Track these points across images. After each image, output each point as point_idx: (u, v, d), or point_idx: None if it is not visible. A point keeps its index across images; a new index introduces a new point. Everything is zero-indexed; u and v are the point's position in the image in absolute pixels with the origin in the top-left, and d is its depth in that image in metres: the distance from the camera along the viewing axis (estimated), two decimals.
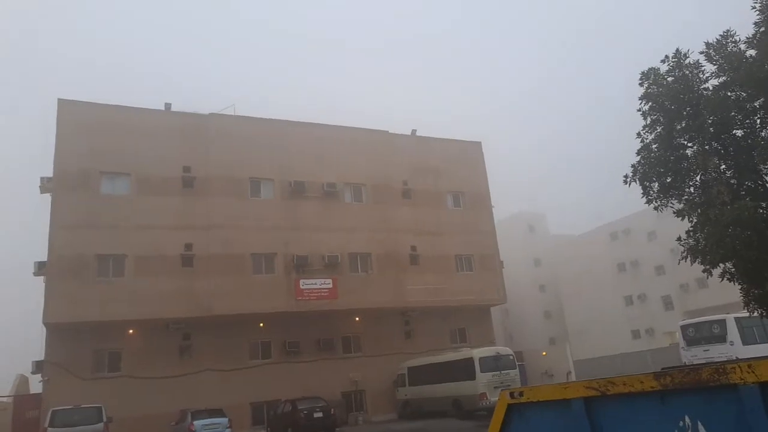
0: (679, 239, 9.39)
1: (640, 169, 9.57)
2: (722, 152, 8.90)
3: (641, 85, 9.82)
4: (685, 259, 9.18)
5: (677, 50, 9.56)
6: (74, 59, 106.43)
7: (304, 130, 29.34)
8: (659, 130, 9.53)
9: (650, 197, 9.58)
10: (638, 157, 9.69)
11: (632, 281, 49.98)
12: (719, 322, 21.07)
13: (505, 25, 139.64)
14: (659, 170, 9.39)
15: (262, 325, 26.56)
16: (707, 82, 9.24)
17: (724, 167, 8.88)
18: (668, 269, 46.23)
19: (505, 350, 24.81)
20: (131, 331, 24.37)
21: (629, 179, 9.68)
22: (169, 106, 27.19)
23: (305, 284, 26.72)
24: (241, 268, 25.85)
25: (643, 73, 9.76)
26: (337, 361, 27.65)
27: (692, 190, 9.19)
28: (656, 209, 9.87)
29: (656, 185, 9.49)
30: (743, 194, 8.42)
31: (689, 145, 9.25)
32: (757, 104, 8.57)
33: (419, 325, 29.70)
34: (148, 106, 27.13)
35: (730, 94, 8.77)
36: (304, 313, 26.59)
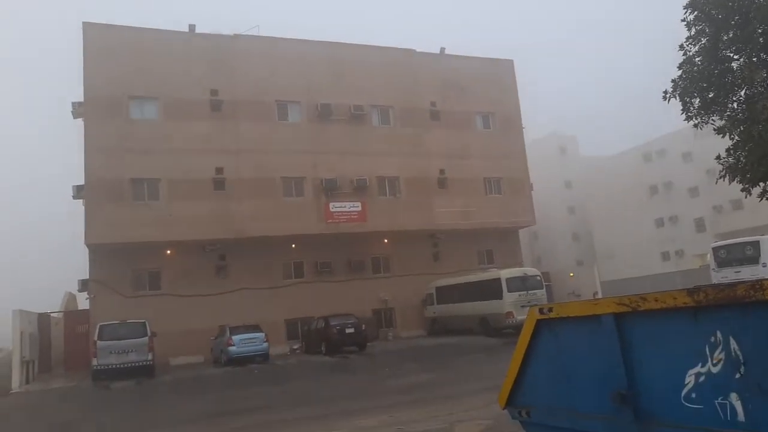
0: (718, 157, 9.06)
1: (681, 83, 9.11)
2: None
3: None
4: (723, 177, 8.90)
5: None
6: None
7: (329, 50, 28.65)
8: (704, 41, 8.97)
9: (690, 114, 9.18)
10: (680, 71, 9.21)
11: (664, 203, 49.20)
12: (753, 243, 20.72)
13: None
14: (702, 85, 8.93)
15: (294, 246, 27.23)
16: None
17: None
18: (702, 191, 45.26)
19: (532, 271, 25.10)
20: (169, 252, 25.29)
21: (669, 95, 9.25)
22: (193, 27, 26.71)
23: (335, 207, 27.05)
24: (271, 191, 26.20)
25: None
26: (367, 280, 28.40)
27: (735, 105, 8.75)
28: (696, 126, 9.47)
29: (697, 101, 9.06)
30: None
31: (735, 57, 8.70)
32: None
33: (447, 246, 30.04)
34: (170, 28, 26.73)
35: None
36: (334, 235, 27.10)
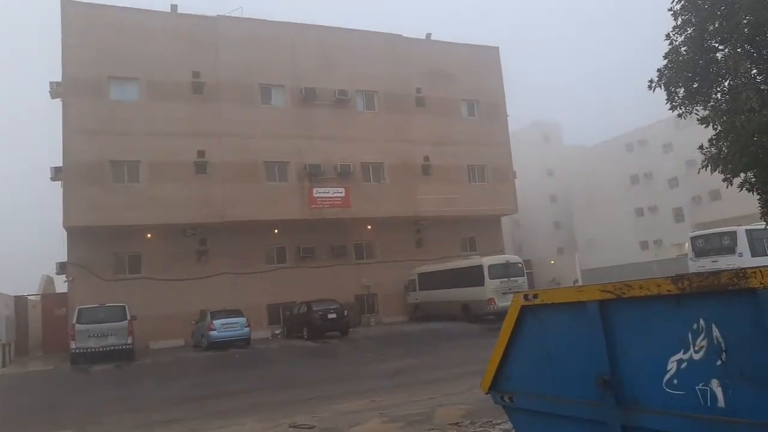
0: (701, 147, 9.16)
1: (666, 73, 9.16)
2: (755, 56, 8.45)
3: None
4: (705, 167, 9.00)
5: None
6: None
7: (314, 33, 28.32)
8: (690, 31, 9.01)
9: (675, 103, 9.24)
10: (665, 60, 9.26)
11: (644, 193, 49.87)
12: (730, 233, 21.12)
13: None
14: (687, 75, 8.98)
15: (276, 231, 27.07)
16: None
17: (755, 72, 8.47)
18: (682, 181, 45.91)
19: (514, 258, 25.32)
20: (149, 235, 24.98)
21: (654, 84, 9.30)
22: (175, 7, 26.15)
23: (318, 192, 26.90)
24: (254, 175, 25.95)
25: None
26: (349, 266, 28.39)
27: (719, 96, 8.82)
28: (680, 116, 9.55)
29: (682, 91, 9.12)
30: None
31: (721, 48, 8.76)
32: None
33: (430, 233, 30.12)
34: (152, 7, 26.12)
35: None
36: (317, 220, 26.99)
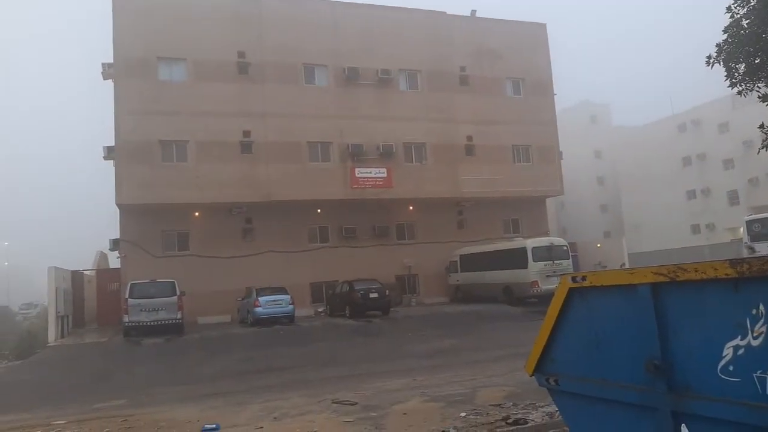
0: (761, 127, 8.70)
1: (726, 48, 8.67)
2: None
3: None
4: (766, 148, 8.56)
5: None
6: None
7: (357, 12, 28.14)
8: (753, 2, 8.51)
9: (735, 80, 8.77)
10: (725, 35, 8.77)
11: (697, 175, 47.97)
12: None
13: None
14: (748, 49, 8.48)
15: (319, 211, 27.36)
16: None
17: None
18: (738, 163, 43.95)
19: (558, 241, 24.87)
20: (197, 213, 25.64)
21: (712, 60, 8.83)
22: None
23: (360, 173, 26.97)
24: (297, 155, 26.21)
25: None
26: (391, 246, 28.49)
27: None
28: (740, 93, 9.06)
29: (742, 66, 8.65)
30: None
31: None
32: None
33: (472, 214, 29.86)
34: None
35: None
36: (359, 200, 27.12)
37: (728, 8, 8.81)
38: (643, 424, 3.92)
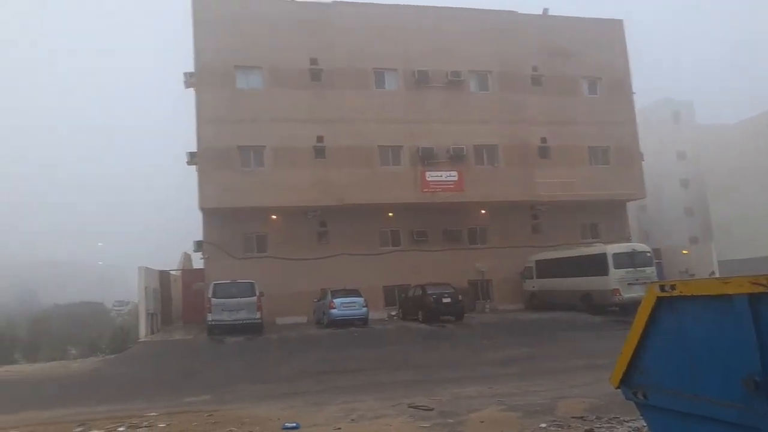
0: None
1: None
2: None
3: None
4: None
5: None
6: None
7: (426, 14, 28.18)
8: None
9: None
10: None
11: None
12: None
13: None
14: None
15: (390, 214, 27.58)
16: None
17: None
18: None
19: (641, 247, 23.75)
20: (274, 217, 26.53)
21: None
22: None
23: (431, 176, 26.97)
24: (368, 159, 26.57)
25: None
26: (463, 251, 28.25)
27: None
28: None
29: None
30: None
31: None
32: None
33: (548, 219, 29.11)
34: None
35: None
36: (430, 204, 27.10)
37: None
38: None
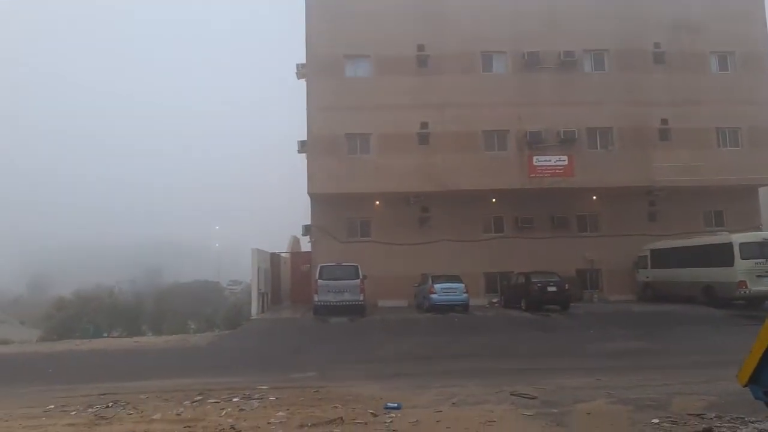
0: None
1: None
2: None
3: None
4: None
5: None
6: None
7: None
8: None
9: None
10: None
11: None
12: None
13: None
14: None
15: (494, 200, 27.06)
16: None
17: None
18: None
19: None
20: (377, 202, 26.98)
21: None
22: None
23: (538, 161, 26.05)
24: (473, 145, 26.16)
25: None
26: (571, 239, 27.13)
27: None
28: None
29: None
30: None
31: None
32: None
33: (666, 206, 27.13)
34: None
35: None
36: (536, 190, 26.23)
37: None
38: None
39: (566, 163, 26.08)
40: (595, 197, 27.25)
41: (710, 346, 13.30)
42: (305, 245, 30.91)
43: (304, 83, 26.89)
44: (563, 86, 26.53)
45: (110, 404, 8.63)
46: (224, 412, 7.95)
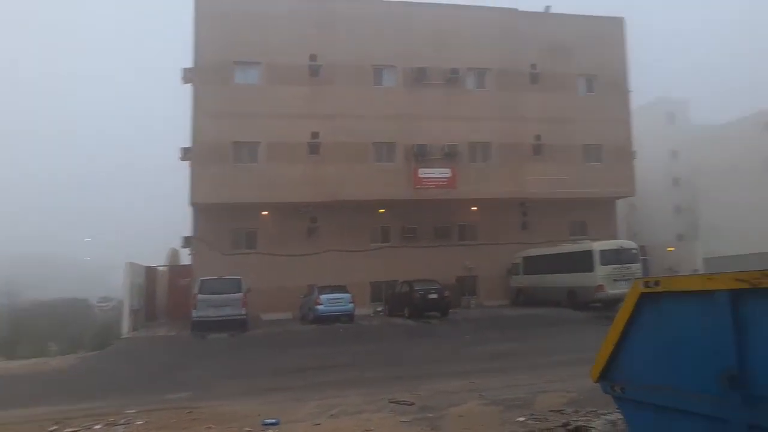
0: None
1: None
2: None
3: None
4: None
5: None
6: None
7: (428, 11, 28.02)
8: None
9: None
10: None
11: None
12: None
13: None
14: None
15: (382, 211, 27.48)
16: None
17: None
18: None
19: (628, 244, 23.90)
20: (265, 213, 26.35)
21: None
22: None
23: (424, 173, 26.89)
24: (363, 156, 26.45)
25: None
26: (452, 247, 28.19)
27: None
28: None
29: None
30: None
31: None
32: None
33: (537, 216, 29.09)
34: None
35: None
36: (422, 200, 27.02)
37: None
38: None
39: (449, 175, 27.14)
40: (474, 208, 28.58)
41: (572, 345, 14.30)
42: (186, 258, 29.41)
43: (189, 88, 25.72)
44: (448, 102, 27.62)
45: None
46: None
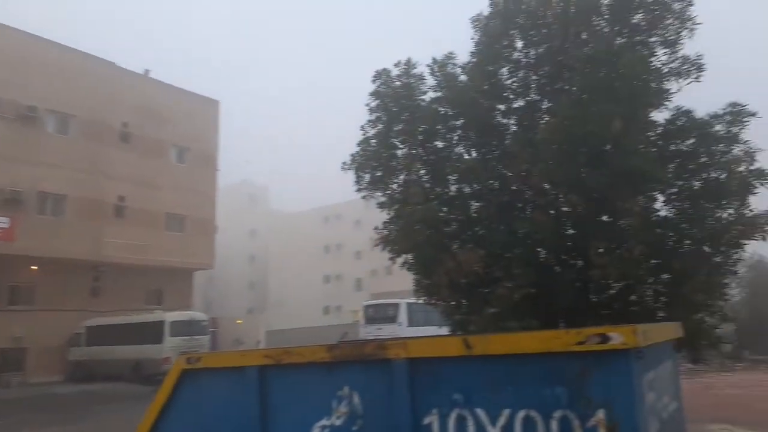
0: (376, 228, 10.38)
1: (357, 159, 10.25)
2: (425, 159, 10.09)
3: (374, 82, 10.55)
4: (377, 245, 10.20)
5: (409, 59, 10.53)
6: None
7: (13, 37, 24.43)
8: (380, 127, 10.35)
9: (361, 186, 10.32)
10: (358, 148, 10.39)
11: (334, 262, 54.39)
12: (394, 305, 24.33)
13: None
14: (373, 164, 10.18)
15: None
16: (426, 94, 10.37)
17: (423, 172, 10.09)
18: (365, 255, 51.44)
19: (198, 315, 24.49)
20: None
21: (347, 167, 10.33)
22: None
23: None
24: None
25: (377, 71, 10.51)
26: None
27: (395, 186, 10.19)
28: (364, 198, 10.71)
29: (368, 176, 10.29)
30: (432, 198, 9.67)
31: (401, 146, 10.25)
32: (457, 123, 9.96)
33: (111, 282, 27.01)
34: None
35: (440, 109, 9.98)
36: None
37: (362, 126, 10.52)
38: None
39: (8, 225, 22.95)
40: (35, 267, 24.66)
41: (131, 425, 13.35)
42: None
43: None
44: (19, 141, 23.83)
45: None
46: None
